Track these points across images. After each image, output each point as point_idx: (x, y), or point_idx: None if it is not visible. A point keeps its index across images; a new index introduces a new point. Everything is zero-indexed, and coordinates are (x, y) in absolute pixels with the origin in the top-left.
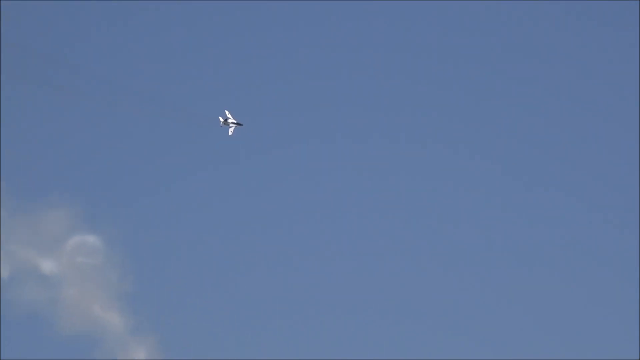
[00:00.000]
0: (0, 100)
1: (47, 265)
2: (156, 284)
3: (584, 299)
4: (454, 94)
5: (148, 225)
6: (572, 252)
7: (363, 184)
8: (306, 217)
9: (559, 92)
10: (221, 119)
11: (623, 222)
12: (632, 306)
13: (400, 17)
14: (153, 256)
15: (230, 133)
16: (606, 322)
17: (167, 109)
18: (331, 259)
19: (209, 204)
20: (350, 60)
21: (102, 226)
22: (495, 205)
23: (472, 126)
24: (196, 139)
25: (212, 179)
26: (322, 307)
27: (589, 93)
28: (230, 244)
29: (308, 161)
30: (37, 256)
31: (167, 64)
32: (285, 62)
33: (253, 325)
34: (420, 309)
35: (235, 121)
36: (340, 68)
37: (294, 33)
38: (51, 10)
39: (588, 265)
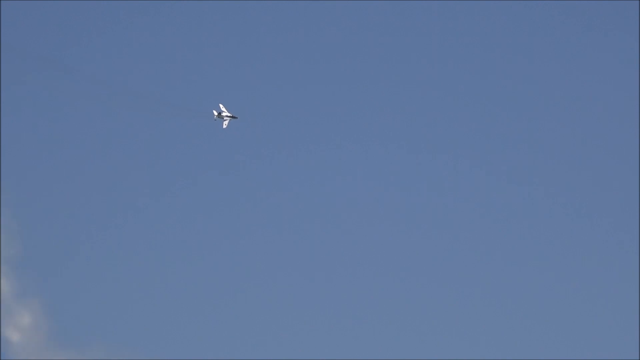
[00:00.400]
0: (0, 100)
1: None
2: (42, 248)
3: (584, 299)
4: (456, 95)
5: (35, 189)
6: (571, 252)
7: (362, 186)
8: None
9: (559, 92)
10: (215, 112)
11: (623, 222)
12: (632, 306)
13: (404, 19)
14: (40, 221)
15: (224, 126)
16: (606, 322)
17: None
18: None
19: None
20: (351, 62)
21: None
22: (496, 206)
23: (474, 127)
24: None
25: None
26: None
27: (589, 93)
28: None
29: (288, 165)
30: None
31: (165, 65)
32: (288, 64)
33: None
34: (423, 312)
35: (229, 114)
36: (341, 70)
37: (297, 35)
38: (51, 11)
39: (588, 265)
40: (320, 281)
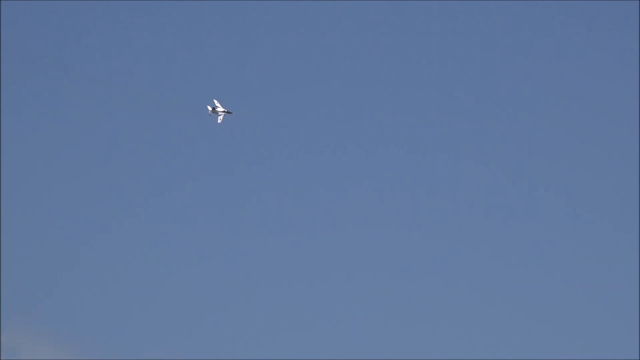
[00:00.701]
0: (0, 100)
1: None
2: (42, 248)
3: (584, 299)
4: (456, 96)
5: (35, 189)
6: (571, 251)
7: (362, 186)
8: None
9: (559, 92)
10: (209, 108)
11: (623, 222)
12: (632, 306)
13: (404, 19)
14: (40, 220)
15: (219, 121)
16: (606, 322)
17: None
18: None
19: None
20: (352, 62)
21: None
22: (497, 206)
23: (474, 127)
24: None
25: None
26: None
27: (589, 93)
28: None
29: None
30: None
31: (165, 65)
32: (288, 64)
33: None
34: (425, 313)
35: (224, 109)
36: (342, 70)
37: (297, 35)
38: (51, 11)
39: (588, 265)
40: (321, 282)
